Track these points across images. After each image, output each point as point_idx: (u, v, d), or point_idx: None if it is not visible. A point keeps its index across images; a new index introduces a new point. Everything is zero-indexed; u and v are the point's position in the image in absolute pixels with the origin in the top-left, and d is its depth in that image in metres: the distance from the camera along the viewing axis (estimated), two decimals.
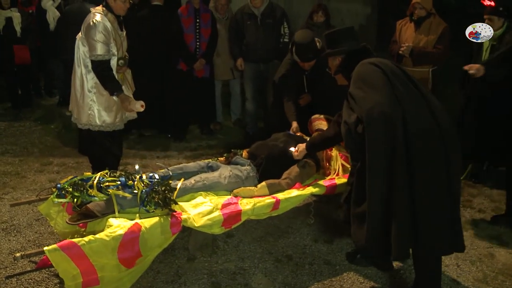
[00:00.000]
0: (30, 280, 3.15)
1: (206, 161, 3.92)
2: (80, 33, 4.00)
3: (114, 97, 3.97)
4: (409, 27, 5.08)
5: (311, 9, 5.99)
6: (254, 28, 5.80)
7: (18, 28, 6.82)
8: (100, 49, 3.84)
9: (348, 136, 2.95)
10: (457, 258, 3.50)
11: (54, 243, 2.73)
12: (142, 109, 4.02)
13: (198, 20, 5.79)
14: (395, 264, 3.40)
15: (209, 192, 3.43)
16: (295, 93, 4.73)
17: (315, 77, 4.66)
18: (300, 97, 4.78)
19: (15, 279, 3.14)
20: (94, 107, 4.02)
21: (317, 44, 4.47)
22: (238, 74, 6.39)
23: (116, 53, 4.02)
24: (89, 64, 3.94)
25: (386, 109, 2.71)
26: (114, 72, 4.01)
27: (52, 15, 7.00)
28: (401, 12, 5.74)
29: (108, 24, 3.90)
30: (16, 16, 6.80)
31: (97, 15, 3.89)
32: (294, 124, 4.47)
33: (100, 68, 3.88)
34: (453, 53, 5.05)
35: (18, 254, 2.79)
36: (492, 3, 4.21)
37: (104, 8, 3.96)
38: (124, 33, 4.18)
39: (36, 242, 3.64)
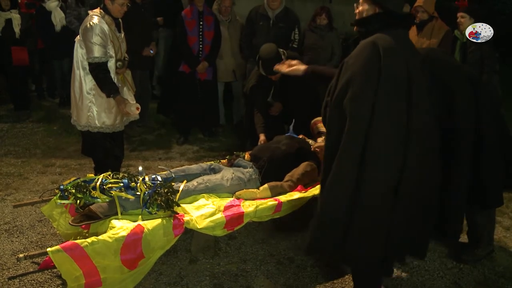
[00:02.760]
0: (33, 281, 3.15)
1: (209, 163, 3.93)
2: (78, 35, 4.03)
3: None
4: (411, 30, 5.10)
5: (314, 12, 6.03)
6: (265, 30, 5.78)
7: (17, 29, 6.82)
8: (97, 51, 3.87)
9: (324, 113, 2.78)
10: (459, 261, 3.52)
11: (57, 244, 2.74)
12: (137, 112, 4.04)
13: (201, 23, 5.81)
14: (398, 266, 3.41)
15: (211, 194, 3.44)
16: (264, 104, 4.76)
17: (284, 86, 4.69)
18: (271, 105, 4.82)
19: (18, 280, 3.15)
20: (93, 109, 4.04)
21: (282, 56, 4.48)
22: (240, 76, 6.40)
23: (113, 55, 4.04)
24: (87, 66, 3.96)
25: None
26: (113, 74, 4.03)
27: (58, 17, 7.03)
28: None
29: (105, 27, 3.93)
30: (15, 17, 6.80)
31: (95, 17, 3.92)
32: (262, 137, 4.52)
33: (97, 70, 3.91)
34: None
35: (21, 255, 2.81)
36: (465, 3, 4.42)
37: (102, 11, 3.99)
38: (123, 35, 4.20)
39: (39, 243, 3.65)
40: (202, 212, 3.17)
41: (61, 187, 3.27)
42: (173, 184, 3.27)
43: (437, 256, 3.57)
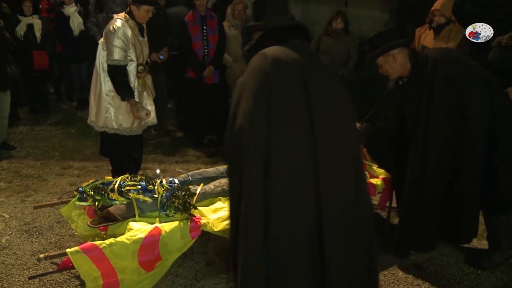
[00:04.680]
0: (52, 281, 3.21)
1: (225, 166, 3.95)
2: (102, 38, 4.10)
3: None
4: (428, 34, 5.07)
5: (330, 16, 6.02)
6: None
7: (38, 34, 6.95)
8: (117, 54, 3.92)
9: None
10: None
11: (75, 245, 2.80)
12: (146, 117, 4.09)
13: (205, 27, 5.81)
14: (415, 271, 3.40)
15: (228, 197, 3.45)
16: None
17: None
18: None
19: (38, 279, 3.21)
20: (111, 110, 4.09)
21: None
22: None
23: (135, 59, 4.08)
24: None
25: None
26: (132, 77, 4.08)
27: (76, 22, 7.14)
28: (419, 19, 5.73)
29: (128, 31, 3.98)
30: (37, 22, 6.93)
31: (118, 21, 3.98)
32: None
33: (115, 72, 3.96)
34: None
35: (41, 255, 2.87)
36: None
37: (127, 15, 4.04)
38: (145, 39, 4.25)
39: (57, 244, 3.70)
40: (219, 215, 3.19)
41: (80, 189, 3.32)
42: (190, 187, 3.30)
43: (453, 262, 3.54)
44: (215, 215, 3.19)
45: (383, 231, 3.86)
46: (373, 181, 3.86)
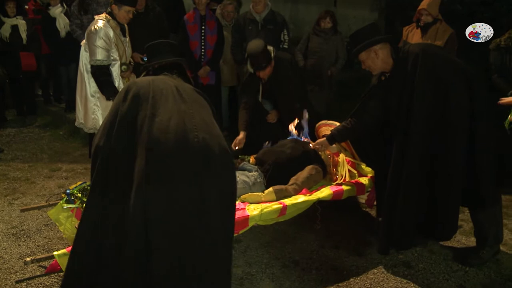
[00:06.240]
0: (40, 285, 3.18)
1: None
2: (84, 39, 4.09)
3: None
4: (415, 33, 5.10)
5: (318, 15, 6.04)
6: (255, 33, 5.80)
7: (24, 35, 6.91)
8: (99, 54, 3.92)
9: None
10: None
11: (63, 248, 2.79)
12: None
13: (203, 27, 5.79)
14: (404, 269, 3.41)
15: None
16: (251, 102, 4.70)
17: (272, 85, 4.63)
18: (267, 112, 4.79)
19: (25, 283, 3.17)
20: (97, 112, 4.09)
21: (271, 52, 4.41)
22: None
23: (118, 58, 4.08)
24: None
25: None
26: (116, 77, 4.07)
27: (63, 23, 7.08)
28: (408, 18, 5.76)
29: (110, 31, 3.98)
30: (21, 23, 6.88)
31: (99, 21, 3.98)
32: (241, 135, 4.47)
33: (98, 72, 3.96)
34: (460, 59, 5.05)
35: (28, 259, 2.85)
36: None
37: (108, 15, 4.03)
38: (127, 39, 4.24)
39: (45, 247, 3.67)
40: None
41: (68, 191, 3.31)
42: None
43: (442, 259, 3.56)
44: None
45: (373, 230, 3.88)
46: (362, 180, 3.88)
